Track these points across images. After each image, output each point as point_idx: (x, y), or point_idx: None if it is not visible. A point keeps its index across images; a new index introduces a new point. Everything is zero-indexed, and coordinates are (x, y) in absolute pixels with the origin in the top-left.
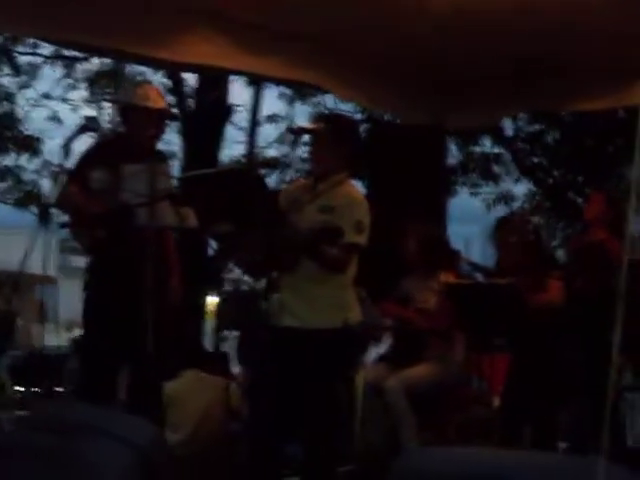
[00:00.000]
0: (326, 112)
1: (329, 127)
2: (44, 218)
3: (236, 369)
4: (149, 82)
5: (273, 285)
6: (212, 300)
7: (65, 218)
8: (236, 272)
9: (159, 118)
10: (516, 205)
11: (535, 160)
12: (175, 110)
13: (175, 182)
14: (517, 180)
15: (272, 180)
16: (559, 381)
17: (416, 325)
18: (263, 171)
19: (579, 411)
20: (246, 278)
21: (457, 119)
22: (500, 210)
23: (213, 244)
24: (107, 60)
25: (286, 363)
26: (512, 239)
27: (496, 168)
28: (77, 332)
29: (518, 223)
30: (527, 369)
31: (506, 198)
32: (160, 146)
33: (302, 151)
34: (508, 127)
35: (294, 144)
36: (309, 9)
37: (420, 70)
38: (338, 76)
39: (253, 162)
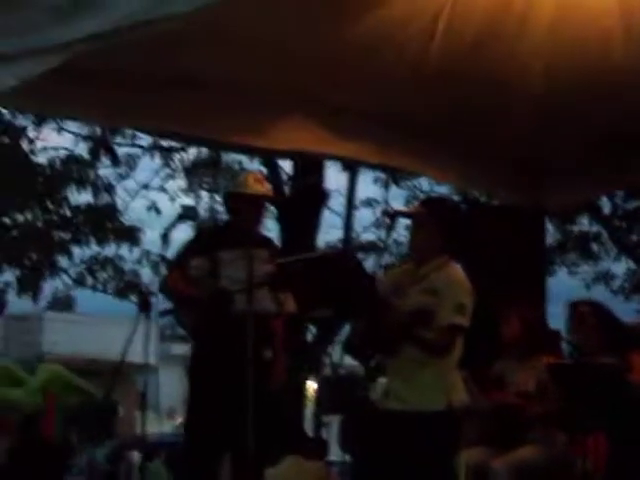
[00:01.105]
0: (422, 196)
1: (430, 210)
2: (144, 307)
3: (334, 455)
4: (249, 170)
5: (378, 369)
6: (312, 385)
7: (165, 306)
8: (335, 355)
9: (260, 203)
10: (616, 284)
11: (634, 237)
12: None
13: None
14: (616, 258)
15: (369, 264)
16: None
17: (519, 410)
18: (360, 255)
19: None
20: (346, 362)
21: (555, 199)
22: (600, 289)
23: (312, 329)
24: (204, 149)
25: (390, 447)
26: (589, 321)
27: (594, 247)
28: (178, 420)
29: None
30: (627, 452)
31: (605, 277)
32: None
33: (398, 234)
34: (605, 205)
35: (390, 228)
36: (402, 91)
37: (517, 150)
38: (427, 158)
39: (349, 246)
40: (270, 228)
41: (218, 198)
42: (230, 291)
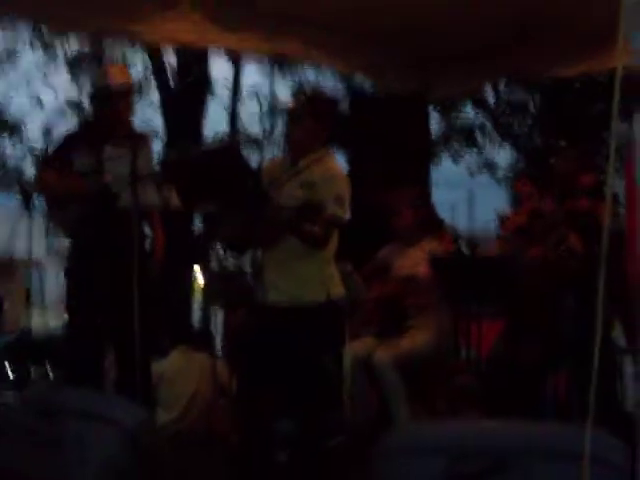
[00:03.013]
0: (304, 88)
1: (308, 104)
2: (26, 205)
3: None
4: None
5: (257, 262)
6: (199, 277)
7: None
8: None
9: (127, 93)
10: (500, 172)
11: (517, 127)
12: (157, 89)
13: (157, 163)
14: (499, 147)
15: (254, 158)
16: (551, 342)
17: (401, 299)
18: (244, 149)
19: (570, 375)
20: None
21: (438, 89)
22: (484, 177)
23: (199, 222)
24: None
25: (273, 339)
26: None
27: (478, 136)
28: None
29: None
30: (516, 332)
31: (489, 166)
32: (141, 124)
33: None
34: (489, 95)
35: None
36: None
37: (402, 38)
38: (316, 45)
39: (233, 140)
40: (156, 120)
41: None
42: (114, 187)
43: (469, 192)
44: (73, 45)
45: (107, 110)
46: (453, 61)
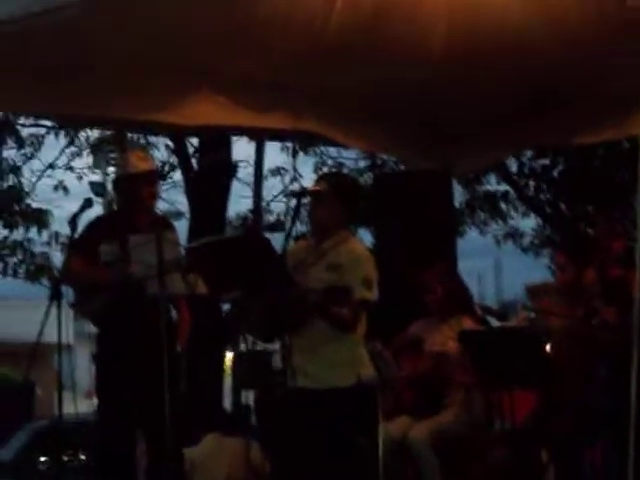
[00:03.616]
0: (329, 165)
1: (330, 187)
2: (56, 295)
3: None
4: (131, 149)
5: (285, 347)
6: (229, 359)
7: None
8: None
9: (150, 181)
10: (526, 241)
11: (541, 195)
12: (179, 171)
13: (182, 250)
14: (524, 215)
15: (277, 242)
16: (584, 414)
17: (434, 375)
18: (268, 234)
19: (606, 447)
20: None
21: (460, 163)
22: (510, 246)
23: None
24: None
25: (303, 424)
26: None
27: (502, 205)
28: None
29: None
30: (549, 404)
31: (514, 235)
32: (166, 207)
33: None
34: (512, 164)
35: (298, 207)
36: (305, 63)
37: (423, 115)
38: (338, 124)
39: (257, 226)
40: (180, 202)
41: None
42: (141, 276)
43: (496, 261)
44: (95, 130)
45: (131, 198)
46: (474, 134)
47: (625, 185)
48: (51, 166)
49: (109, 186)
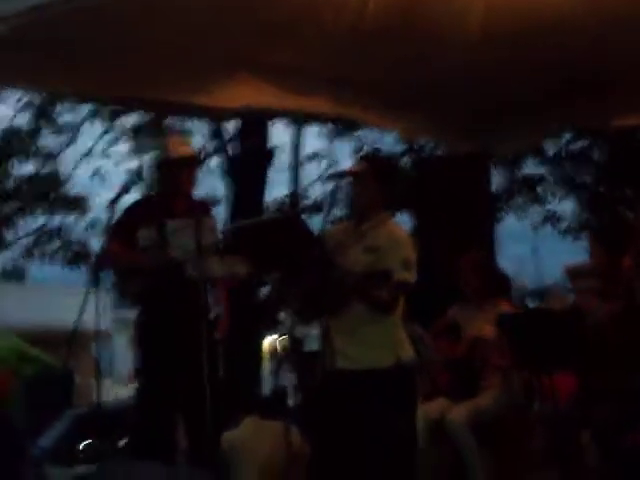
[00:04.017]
0: (366, 150)
1: (369, 168)
2: (94, 281)
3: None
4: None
5: (324, 329)
6: (268, 343)
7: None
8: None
9: (191, 165)
10: (564, 225)
11: (579, 178)
12: (217, 155)
13: (220, 235)
14: (562, 199)
15: (315, 224)
16: (627, 398)
17: (472, 360)
18: (306, 216)
19: None
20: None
21: (501, 145)
22: (548, 230)
23: (266, 289)
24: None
25: (342, 406)
26: None
27: (540, 189)
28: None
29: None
30: (590, 388)
31: (552, 219)
32: (204, 192)
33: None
34: (549, 147)
35: (336, 190)
36: (342, 50)
37: (462, 98)
38: (377, 108)
39: (296, 209)
40: (218, 187)
41: None
42: (180, 261)
43: (534, 246)
44: (134, 115)
45: (169, 182)
46: (514, 115)
47: None
48: (88, 153)
49: (147, 171)
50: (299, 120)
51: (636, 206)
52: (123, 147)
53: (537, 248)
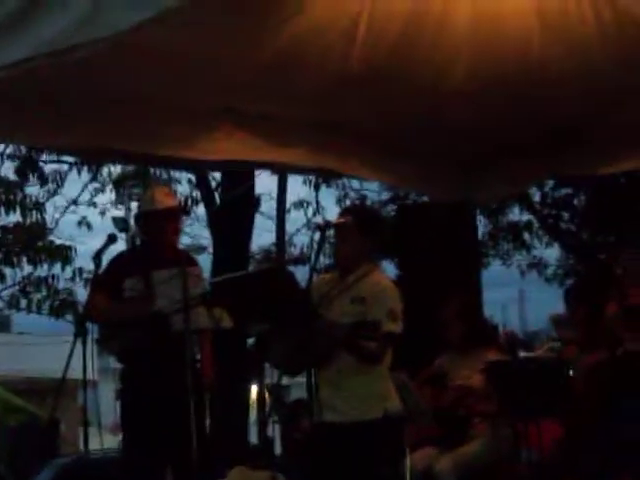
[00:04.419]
0: (351, 198)
1: (353, 220)
2: (80, 332)
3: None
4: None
5: (311, 381)
6: (254, 391)
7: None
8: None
9: (175, 217)
10: (549, 271)
11: (564, 225)
12: (202, 204)
13: (207, 284)
14: (548, 245)
15: (301, 275)
16: (610, 446)
17: (459, 408)
18: (292, 267)
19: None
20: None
21: (485, 194)
22: (534, 275)
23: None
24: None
25: (331, 458)
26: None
27: (526, 236)
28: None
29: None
30: (575, 437)
31: (538, 265)
32: (188, 241)
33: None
34: (534, 193)
35: (322, 241)
36: (326, 97)
37: (445, 148)
38: (361, 158)
39: (282, 260)
40: (203, 236)
41: None
42: (167, 312)
43: (520, 291)
44: (118, 166)
45: (155, 233)
46: (495, 166)
47: None
48: (74, 202)
49: (132, 221)
50: (282, 170)
51: (618, 253)
52: (109, 196)
53: (523, 293)
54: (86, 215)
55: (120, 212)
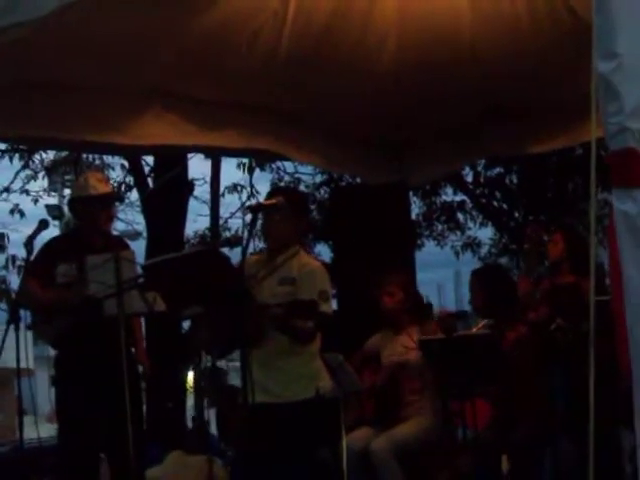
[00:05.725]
0: (285, 181)
1: (283, 201)
2: (13, 319)
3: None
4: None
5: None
6: (191, 376)
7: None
8: None
9: (108, 203)
10: (484, 250)
11: (496, 204)
12: (136, 189)
13: (139, 269)
14: (482, 225)
15: (235, 256)
16: (544, 419)
17: (394, 386)
18: (225, 249)
19: (562, 450)
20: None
21: (418, 174)
22: (468, 256)
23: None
24: None
25: (265, 439)
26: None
27: (460, 216)
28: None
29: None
30: (508, 411)
31: (472, 245)
32: (124, 226)
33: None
34: (467, 174)
35: (254, 222)
36: (257, 79)
37: (375, 129)
38: (292, 141)
39: (214, 242)
40: (137, 221)
41: None
42: (99, 298)
43: (455, 273)
44: (50, 152)
45: (87, 219)
46: (430, 145)
47: (579, 191)
48: (6, 190)
49: (65, 208)
50: (214, 154)
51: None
52: (41, 183)
53: (459, 273)
54: (18, 203)
55: (54, 199)
